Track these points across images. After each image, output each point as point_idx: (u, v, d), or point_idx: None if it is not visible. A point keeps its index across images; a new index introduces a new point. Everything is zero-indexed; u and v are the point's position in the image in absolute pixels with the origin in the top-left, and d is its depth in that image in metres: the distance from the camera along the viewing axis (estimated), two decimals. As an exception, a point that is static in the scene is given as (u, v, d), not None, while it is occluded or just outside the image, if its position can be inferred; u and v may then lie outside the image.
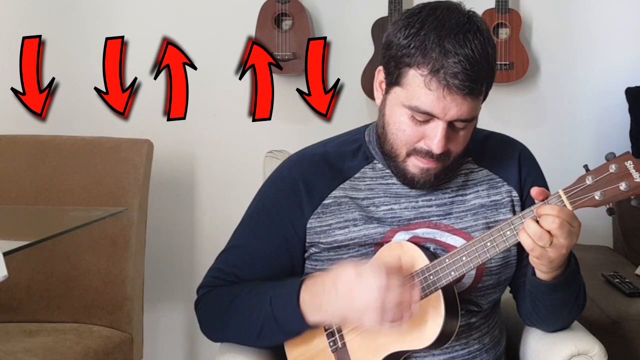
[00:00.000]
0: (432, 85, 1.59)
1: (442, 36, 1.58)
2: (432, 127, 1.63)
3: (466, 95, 1.59)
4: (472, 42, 1.58)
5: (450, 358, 1.75)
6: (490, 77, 1.65)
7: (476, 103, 1.63)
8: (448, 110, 1.60)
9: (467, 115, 1.62)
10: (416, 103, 1.61)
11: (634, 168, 1.53)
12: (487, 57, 1.60)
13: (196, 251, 3.32)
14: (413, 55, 1.60)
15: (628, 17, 3.22)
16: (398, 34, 1.63)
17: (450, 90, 1.58)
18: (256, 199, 1.87)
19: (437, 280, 1.63)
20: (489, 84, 1.67)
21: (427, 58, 1.58)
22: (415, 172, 1.70)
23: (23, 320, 2.68)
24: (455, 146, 1.67)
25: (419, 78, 1.60)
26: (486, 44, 1.61)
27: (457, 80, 1.57)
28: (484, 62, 1.60)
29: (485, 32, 1.63)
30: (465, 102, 1.60)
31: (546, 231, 1.54)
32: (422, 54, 1.59)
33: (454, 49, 1.57)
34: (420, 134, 1.65)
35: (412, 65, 1.61)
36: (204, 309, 1.84)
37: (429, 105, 1.60)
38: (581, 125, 3.24)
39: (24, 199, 2.74)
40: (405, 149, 1.68)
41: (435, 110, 1.60)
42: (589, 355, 1.78)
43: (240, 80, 3.16)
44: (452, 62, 1.57)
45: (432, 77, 1.58)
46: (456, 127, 1.65)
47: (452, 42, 1.57)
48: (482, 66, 1.59)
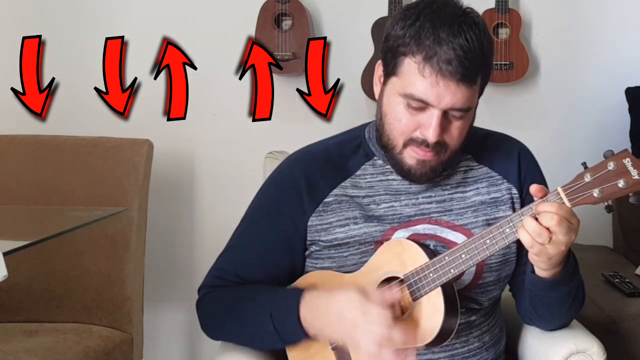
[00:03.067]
0: (426, 72, 1.60)
1: (436, 25, 1.60)
2: (428, 115, 1.64)
3: (459, 82, 1.60)
4: (466, 32, 1.60)
5: (450, 356, 1.75)
6: (485, 68, 1.66)
7: (471, 92, 1.64)
8: (442, 97, 1.61)
9: (462, 104, 1.63)
10: (411, 90, 1.62)
11: (632, 165, 1.54)
12: (481, 49, 1.62)
13: (196, 251, 3.32)
14: (408, 45, 1.62)
15: (628, 17, 3.22)
16: (395, 26, 1.66)
17: (443, 76, 1.59)
18: (257, 198, 1.88)
19: (436, 277, 1.64)
20: (485, 77, 1.68)
21: (421, 46, 1.60)
22: (412, 163, 1.70)
23: (23, 320, 2.68)
24: (451, 138, 1.68)
25: (413, 65, 1.61)
26: (481, 36, 1.62)
27: (450, 66, 1.59)
28: (477, 52, 1.61)
29: (481, 26, 1.64)
30: (459, 89, 1.61)
31: (545, 228, 1.55)
32: (417, 42, 1.61)
33: (447, 38, 1.59)
34: (416, 123, 1.66)
35: (407, 54, 1.62)
36: (205, 310, 1.85)
37: (423, 92, 1.61)
38: (581, 125, 3.24)
39: (24, 199, 2.74)
40: (402, 139, 1.69)
41: (430, 98, 1.61)
42: (587, 354, 1.78)
43: (240, 80, 3.16)
44: (445, 49, 1.59)
45: (426, 64, 1.60)
46: (451, 117, 1.65)
47: (446, 31, 1.59)
48: (475, 55, 1.60)
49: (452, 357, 1.75)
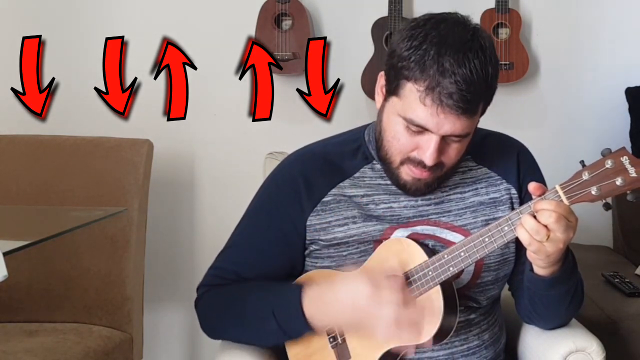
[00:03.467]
0: (427, 102, 1.59)
1: (441, 53, 1.58)
2: (426, 139, 1.64)
3: (460, 115, 1.60)
4: (471, 61, 1.58)
5: (450, 354, 1.75)
6: (487, 95, 1.65)
7: (471, 121, 1.64)
8: (441, 126, 1.61)
9: (461, 131, 1.63)
10: (411, 116, 1.62)
11: (630, 163, 1.54)
12: (485, 78, 1.60)
13: (196, 251, 3.32)
14: (412, 69, 1.60)
15: (628, 17, 3.21)
16: (401, 45, 1.63)
17: (444, 109, 1.59)
18: (256, 197, 1.88)
19: (435, 276, 1.64)
20: (487, 102, 1.67)
21: (424, 74, 1.59)
22: (407, 179, 1.71)
23: (23, 320, 2.68)
24: (448, 159, 1.68)
25: (415, 93, 1.60)
26: (487, 63, 1.60)
27: (451, 100, 1.58)
28: (481, 82, 1.59)
29: (488, 50, 1.62)
30: (459, 120, 1.61)
31: (543, 226, 1.55)
32: (421, 69, 1.59)
33: (451, 68, 1.57)
34: (414, 144, 1.66)
35: (410, 79, 1.61)
36: (204, 309, 1.85)
37: (423, 120, 1.61)
38: (581, 125, 3.24)
39: (24, 199, 2.74)
40: (400, 157, 1.69)
41: (429, 125, 1.61)
42: (586, 352, 1.78)
43: (240, 80, 3.16)
44: (448, 82, 1.57)
45: (428, 94, 1.59)
46: (450, 140, 1.65)
47: (450, 61, 1.57)
48: (479, 86, 1.59)
49: (452, 354, 1.75)
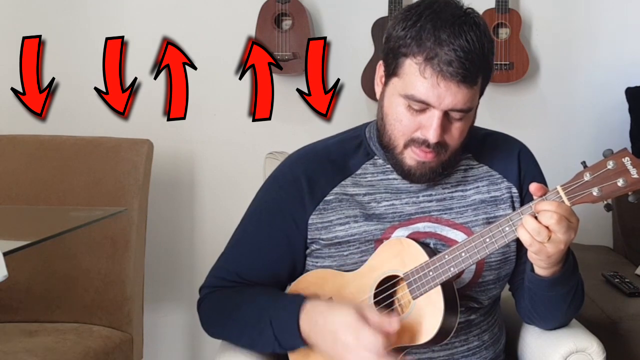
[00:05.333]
0: (427, 73, 1.61)
1: (437, 27, 1.61)
2: (428, 116, 1.64)
3: (460, 83, 1.61)
4: (467, 33, 1.61)
5: (450, 354, 1.75)
6: (485, 69, 1.67)
7: (471, 93, 1.64)
8: (443, 98, 1.62)
9: (462, 104, 1.63)
10: (412, 91, 1.63)
11: (631, 164, 1.54)
12: (482, 49, 1.62)
13: (196, 251, 3.32)
14: (409, 45, 1.63)
15: (628, 17, 3.22)
16: (396, 27, 1.66)
17: (444, 78, 1.60)
18: (258, 197, 1.88)
19: (436, 276, 1.64)
20: (486, 77, 1.68)
21: (422, 47, 1.61)
22: (412, 164, 1.71)
23: (23, 320, 2.67)
24: (451, 138, 1.68)
25: (414, 66, 1.62)
26: (482, 37, 1.63)
27: (450, 67, 1.59)
28: (478, 52, 1.61)
29: (482, 27, 1.65)
30: (460, 90, 1.62)
31: (544, 227, 1.55)
32: (418, 43, 1.61)
33: (448, 39, 1.60)
34: (417, 123, 1.66)
35: (408, 54, 1.63)
36: (206, 311, 1.85)
37: (424, 94, 1.62)
38: (581, 125, 3.24)
39: (24, 199, 2.74)
40: (403, 140, 1.69)
41: (431, 99, 1.62)
42: (587, 352, 1.78)
43: (240, 80, 3.16)
44: (446, 50, 1.59)
45: (427, 65, 1.61)
46: (452, 117, 1.66)
47: (447, 32, 1.60)
48: (476, 56, 1.61)
49: (452, 355, 1.76)
